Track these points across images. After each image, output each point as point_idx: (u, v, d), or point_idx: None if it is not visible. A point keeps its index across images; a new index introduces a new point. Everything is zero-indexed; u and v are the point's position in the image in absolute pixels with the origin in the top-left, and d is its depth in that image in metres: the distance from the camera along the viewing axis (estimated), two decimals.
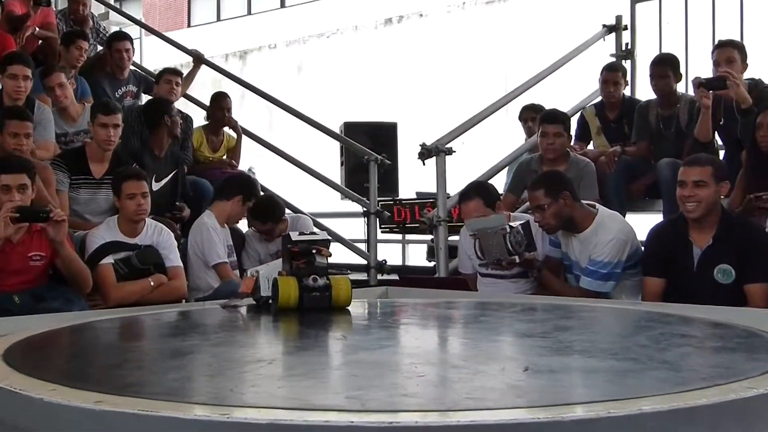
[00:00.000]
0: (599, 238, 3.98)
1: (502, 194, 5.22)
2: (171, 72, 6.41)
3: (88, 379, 1.42)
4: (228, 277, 4.84)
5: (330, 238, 2.69)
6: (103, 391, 1.22)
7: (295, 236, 2.63)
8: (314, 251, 2.57)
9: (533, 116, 6.19)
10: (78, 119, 5.32)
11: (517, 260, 3.94)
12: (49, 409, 1.18)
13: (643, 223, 4.68)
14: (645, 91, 6.17)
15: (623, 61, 6.51)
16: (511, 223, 3.96)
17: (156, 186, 5.21)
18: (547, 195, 4.04)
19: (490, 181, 5.38)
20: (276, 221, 5.33)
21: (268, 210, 5.34)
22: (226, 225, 5.14)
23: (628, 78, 6.20)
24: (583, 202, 4.21)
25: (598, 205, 4.25)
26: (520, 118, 6.36)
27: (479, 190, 4.49)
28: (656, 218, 4.81)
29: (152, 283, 4.29)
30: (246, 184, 5.30)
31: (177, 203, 5.31)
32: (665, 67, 5.37)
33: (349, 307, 2.50)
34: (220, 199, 5.15)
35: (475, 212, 4.21)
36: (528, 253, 4.03)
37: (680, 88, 5.56)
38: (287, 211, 5.79)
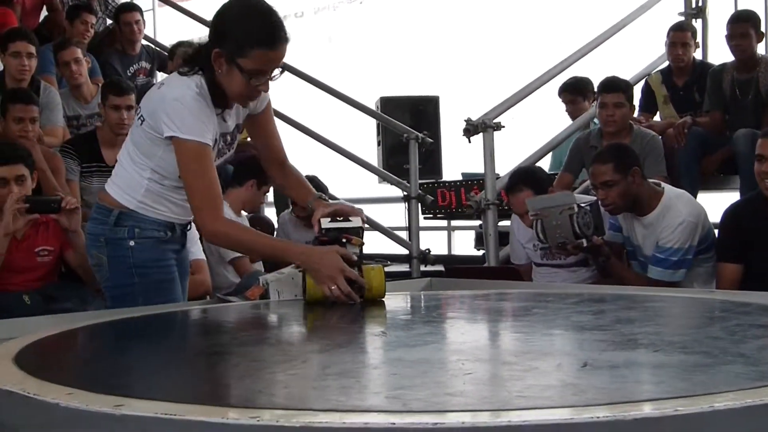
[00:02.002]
0: (667, 222, 3.96)
1: (557, 173, 5.23)
2: (185, 46, 6.45)
3: (106, 383, 1.45)
4: (247, 271, 4.88)
5: (362, 225, 2.70)
6: (124, 395, 1.25)
7: (325, 223, 2.65)
8: (344, 240, 2.60)
9: (571, 98, 6.17)
10: (91, 100, 5.40)
11: (585, 244, 3.92)
12: (66, 415, 1.21)
13: (717, 203, 4.66)
14: (718, 55, 6.11)
15: (693, 20, 6.47)
16: (579, 203, 3.94)
17: None
18: (617, 170, 4.02)
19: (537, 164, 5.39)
20: None
21: None
22: (244, 213, 5.17)
23: (699, 40, 6.15)
24: (649, 180, 4.20)
25: (663, 184, 4.22)
26: (560, 97, 6.35)
27: (527, 179, 4.49)
28: (732, 197, 4.78)
29: None
30: (259, 167, 5.32)
31: None
32: (746, 25, 5.32)
33: (389, 301, 2.53)
34: (233, 186, 5.17)
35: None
36: (596, 237, 4.01)
37: (760, 49, 5.50)
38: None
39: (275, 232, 5.84)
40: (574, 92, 6.22)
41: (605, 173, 4.06)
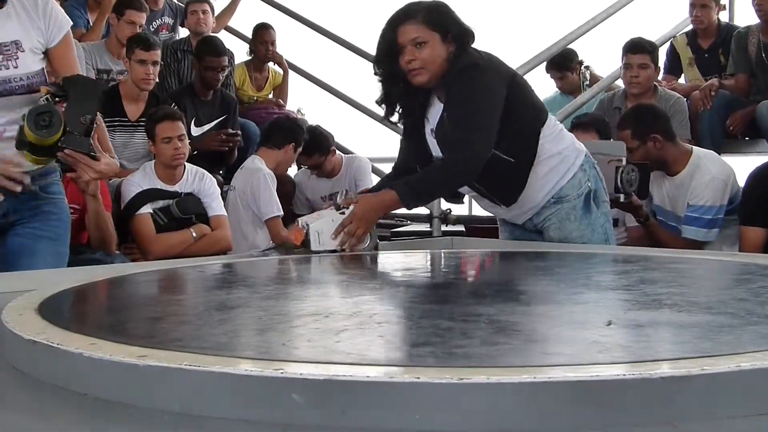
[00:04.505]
0: (696, 180, 3.95)
1: None
2: (196, 0, 6.39)
3: (129, 334, 1.45)
4: (279, 232, 4.90)
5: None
6: (146, 346, 1.24)
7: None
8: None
9: (560, 75, 6.14)
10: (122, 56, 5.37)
11: (622, 199, 3.88)
12: (89, 364, 1.21)
13: (742, 167, 4.62)
14: (746, 17, 6.04)
15: None
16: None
17: (197, 131, 5.26)
18: (634, 137, 4.01)
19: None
20: (324, 152, 5.38)
21: (312, 141, 5.39)
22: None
23: (725, 2, 6.07)
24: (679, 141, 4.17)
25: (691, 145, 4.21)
26: (549, 74, 6.32)
27: (598, 123, 4.46)
28: (757, 161, 4.73)
29: (194, 235, 4.37)
30: (297, 130, 5.32)
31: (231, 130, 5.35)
32: None
33: (411, 258, 2.53)
34: (269, 147, 5.17)
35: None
36: (635, 198, 3.98)
37: None
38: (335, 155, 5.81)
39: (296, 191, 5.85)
40: (562, 68, 6.23)
41: (625, 139, 4.05)
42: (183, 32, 6.63)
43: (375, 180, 5.60)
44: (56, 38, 2.97)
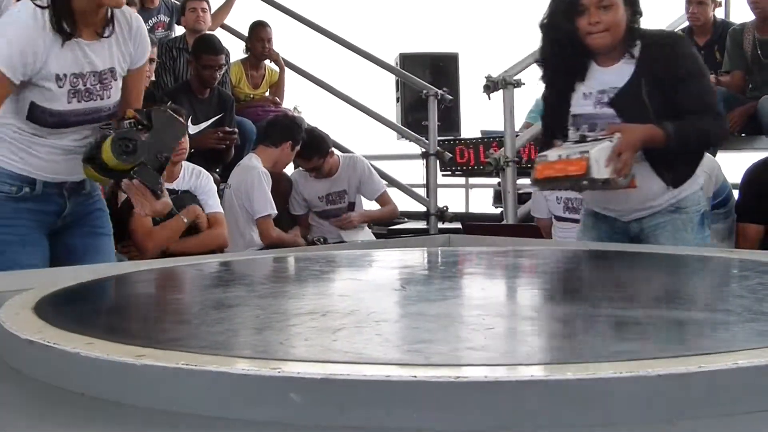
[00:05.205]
0: None
1: None
2: None
3: (126, 333, 1.45)
4: (269, 232, 4.90)
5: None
6: (144, 345, 1.24)
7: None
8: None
9: None
10: None
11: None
12: (86, 364, 1.21)
13: (739, 163, 4.62)
14: (742, 14, 6.05)
15: None
16: None
17: (194, 129, 5.26)
18: None
19: None
20: (323, 155, 5.38)
21: (311, 145, 5.39)
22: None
23: None
24: None
25: None
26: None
27: None
28: (754, 157, 4.75)
29: (185, 220, 4.35)
30: (294, 128, 5.33)
31: (228, 128, 5.34)
32: None
33: (407, 256, 2.52)
34: (266, 145, 5.17)
35: None
36: None
37: None
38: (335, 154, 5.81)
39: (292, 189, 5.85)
40: None
41: None
42: (178, 30, 6.63)
43: (379, 179, 5.61)
44: (140, 61, 2.90)
